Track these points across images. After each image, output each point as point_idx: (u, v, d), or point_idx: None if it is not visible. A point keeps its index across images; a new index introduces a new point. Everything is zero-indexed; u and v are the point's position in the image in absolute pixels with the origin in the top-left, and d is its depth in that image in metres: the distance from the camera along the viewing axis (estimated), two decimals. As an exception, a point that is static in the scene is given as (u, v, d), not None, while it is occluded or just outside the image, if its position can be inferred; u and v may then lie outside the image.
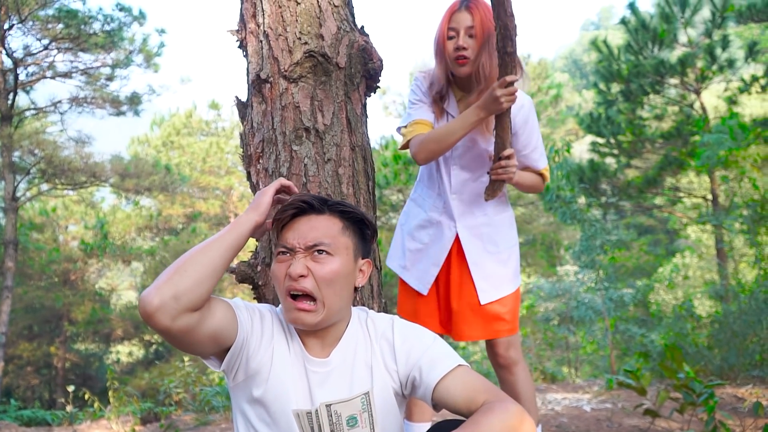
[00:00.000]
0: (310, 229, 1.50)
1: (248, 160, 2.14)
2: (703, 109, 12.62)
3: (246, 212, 1.55)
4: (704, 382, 3.35)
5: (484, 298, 2.43)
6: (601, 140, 13.59)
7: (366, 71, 2.15)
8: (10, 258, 10.86)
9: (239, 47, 2.23)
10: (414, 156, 2.36)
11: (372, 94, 2.25)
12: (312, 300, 1.47)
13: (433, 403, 1.50)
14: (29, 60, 11.26)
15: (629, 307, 10.50)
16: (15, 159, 11.71)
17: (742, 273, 10.80)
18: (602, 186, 13.56)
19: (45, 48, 11.17)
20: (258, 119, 2.10)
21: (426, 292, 2.49)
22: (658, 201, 15.05)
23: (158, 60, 12.43)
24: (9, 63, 10.97)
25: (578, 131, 19.35)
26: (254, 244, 2.16)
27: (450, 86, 2.42)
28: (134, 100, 12.80)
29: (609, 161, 14.06)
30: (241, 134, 2.19)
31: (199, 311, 1.37)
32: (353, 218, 1.58)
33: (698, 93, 12.56)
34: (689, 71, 12.06)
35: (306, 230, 1.50)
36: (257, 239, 2.03)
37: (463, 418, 1.42)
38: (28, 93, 12.02)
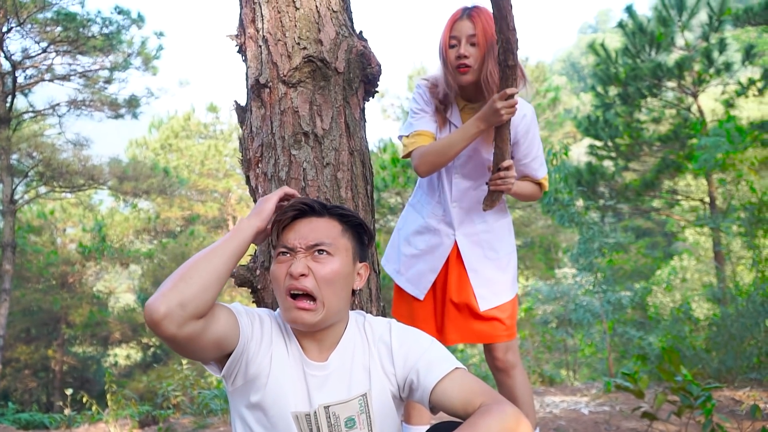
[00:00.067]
0: (311, 230, 1.52)
1: (247, 165, 2.15)
2: (701, 112, 12.65)
3: (248, 218, 1.56)
4: (702, 385, 3.35)
5: (484, 305, 2.44)
6: (599, 143, 13.62)
7: (364, 76, 2.16)
8: (8, 261, 10.85)
9: (238, 52, 2.24)
10: (416, 168, 2.37)
11: (370, 99, 2.26)
12: (312, 299, 1.48)
13: (431, 406, 1.51)
14: (27, 63, 11.26)
15: (627, 310, 10.50)
16: (13, 162, 11.70)
17: (740, 276, 10.81)
18: (600, 189, 13.59)
19: (43, 51, 11.17)
20: (257, 124, 2.11)
21: (422, 297, 2.50)
22: (656, 204, 15.08)
23: (157, 63, 12.45)
24: (7, 66, 10.96)
25: (576, 134, 19.37)
26: (253, 248, 2.17)
27: (453, 95, 2.42)
28: (132, 103, 12.80)
29: (607, 164, 14.09)
30: (240, 138, 2.20)
31: (204, 318, 1.38)
32: (352, 222, 1.60)
33: (695, 96, 12.60)
34: (686, 74, 12.09)
35: (307, 231, 1.52)
36: (257, 244, 2.04)
37: (461, 420, 1.43)
38: (27, 96, 12.02)
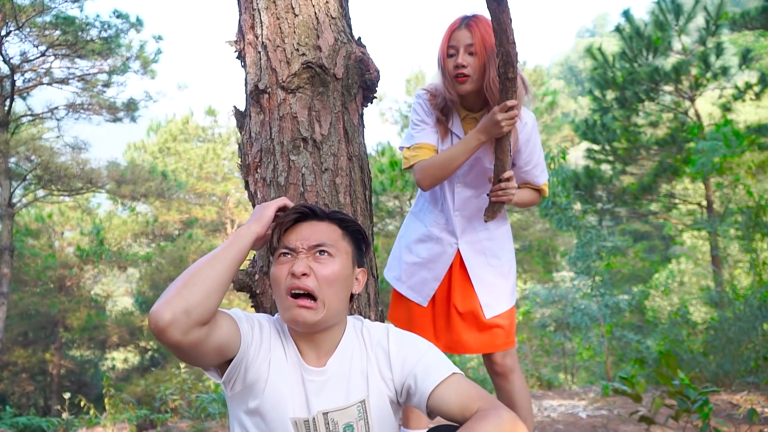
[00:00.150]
0: (313, 232, 1.55)
1: (246, 170, 2.16)
2: (698, 116, 12.68)
3: (247, 224, 1.58)
4: (699, 389, 3.37)
5: (489, 313, 2.44)
6: (597, 147, 13.65)
7: (363, 82, 2.17)
8: (6, 264, 10.84)
9: (237, 58, 2.25)
10: (418, 182, 2.38)
11: (369, 105, 2.28)
12: (313, 299, 1.50)
13: (428, 411, 1.52)
14: (26, 66, 11.24)
15: (625, 314, 10.52)
16: (11, 165, 11.68)
17: (738, 279, 10.83)
18: (598, 192, 13.61)
19: (42, 54, 11.16)
20: (256, 129, 2.12)
21: (426, 304, 2.50)
22: (654, 207, 15.10)
23: (155, 66, 12.42)
24: (6, 69, 10.96)
25: (574, 138, 19.41)
26: (252, 253, 2.18)
27: (454, 104, 2.42)
28: (131, 107, 12.78)
29: (604, 168, 14.11)
30: (240, 144, 2.21)
31: (208, 325, 1.39)
32: (351, 228, 1.63)
33: (692, 100, 12.63)
34: (683, 78, 12.12)
35: (308, 233, 1.55)
36: (256, 250, 2.05)
37: (458, 425, 1.44)
38: (25, 99, 12.00)
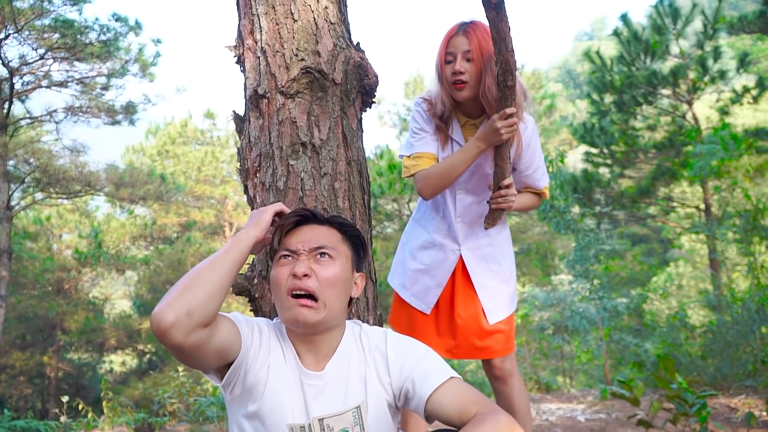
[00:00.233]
0: (314, 235, 1.58)
1: (245, 174, 2.17)
2: (696, 120, 12.71)
3: (246, 229, 1.60)
4: (697, 393, 3.37)
5: (492, 319, 2.45)
6: (595, 150, 13.68)
7: (362, 87, 2.18)
8: (4, 267, 10.82)
9: (237, 63, 2.26)
10: (419, 192, 2.38)
11: (368, 109, 2.28)
12: (314, 300, 1.51)
13: (426, 415, 1.52)
14: (25, 69, 11.24)
15: (623, 317, 10.53)
16: (10, 168, 11.67)
17: (736, 282, 10.84)
18: (596, 196, 13.63)
19: (41, 57, 11.15)
20: (255, 134, 2.13)
21: (429, 312, 2.50)
22: (652, 211, 15.13)
23: (154, 69, 12.41)
24: (5, 72, 10.95)
25: (572, 141, 19.43)
26: (251, 257, 2.19)
27: (453, 111, 2.42)
28: (130, 110, 12.78)
29: (602, 171, 14.14)
30: (239, 148, 2.22)
31: (209, 327, 1.41)
32: (350, 233, 1.66)
33: (690, 104, 12.66)
34: (681, 82, 12.15)
35: (309, 235, 1.58)
36: (255, 254, 2.06)
37: (456, 429, 1.45)
38: (24, 102, 11.99)
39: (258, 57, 2.14)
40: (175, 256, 17.79)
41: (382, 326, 2.08)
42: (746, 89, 12.03)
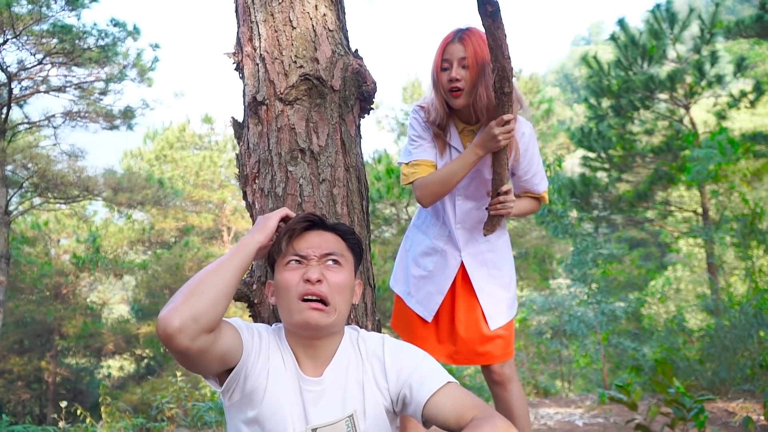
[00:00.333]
0: (323, 241, 1.60)
1: (244, 180, 2.18)
2: (693, 124, 12.75)
3: (251, 234, 1.62)
4: (695, 397, 3.38)
5: (493, 324, 2.45)
6: (593, 155, 13.70)
7: (360, 93, 2.19)
8: (2, 272, 10.81)
9: (236, 69, 2.27)
10: (419, 199, 2.38)
11: (366, 116, 2.29)
12: (325, 305, 1.53)
13: (423, 420, 1.53)
14: (23, 74, 11.24)
15: (621, 321, 10.54)
16: (8, 173, 11.67)
17: (734, 286, 10.86)
18: (594, 200, 13.65)
19: (39, 62, 11.16)
20: (254, 140, 2.14)
21: (431, 319, 2.50)
22: (649, 215, 15.15)
23: (152, 74, 12.42)
24: (3, 77, 10.94)
25: (569, 145, 19.47)
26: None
27: (450, 118, 2.42)
28: (128, 114, 12.78)
29: (600, 175, 14.16)
30: (237, 155, 2.22)
31: (214, 332, 1.42)
32: (351, 240, 1.68)
33: (687, 108, 12.70)
34: (678, 87, 12.19)
35: (318, 241, 1.60)
36: (256, 260, 2.07)
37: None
38: (22, 107, 11.99)
39: (257, 64, 2.15)
40: (173, 261, 17.79)
41: (381, 331, 2.09)
42: (743, 93, 12.07)
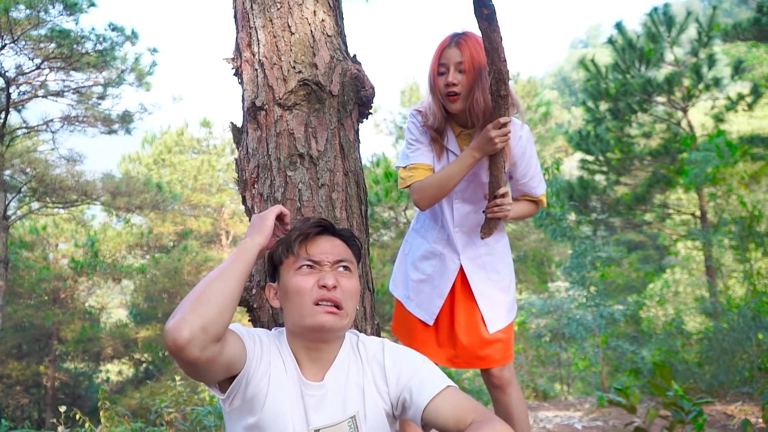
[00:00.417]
0: (333, 246, 1.62)
1: (243, 185, 2.18)
2: (691, 127, 12.78)
3: (251, 237, 1.61)
4: (693, 400, 3.38)
5: (492, 328, 2.45)
6: (591, 158, 13.73)
7: (359, 98, 2.20)
8: (1, 277, 10.80)
9: (234, 75, 2.27)
10: (416, 203, 2.39)
11: (364, 121, 2.30)
12: (338, 309, 1.55)
13: (423, 424, 1.54)
14: (21, 79, 11.25)
15: (620, 324, 10.54)
16: (6, 177, 11.68)
17: (732, 289, 10.86)
18: (592, 203, 13.67)
19: (37, 67, 11.16)
20: (253, 145, 2.14)
21: (432, 323, 2.51)
22: (648, 217, 15.16)
23: (150, 79, 12.42)
24: (1, 82, 10.95)
25: (568, 148, 19.51)
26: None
27: (448, 122, 2.42)
28: (126, 119, 12.78)
29: (598, 178, 14.19)
30: (237, 160, 2.23)
31: (221, 341, 1.41)
32: (354, 247, 1.70)
33: (685, 111, 12.73)
34: (676, 89, 12.22)
35: (329, 247, 1.61)
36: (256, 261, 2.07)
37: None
38: (20, 112, 11.98)
39: (256, 69, 2.16)
40: (172, 265, 17.77)
41: (380, 335, 2.09)
42: (741, 96, 12.10)
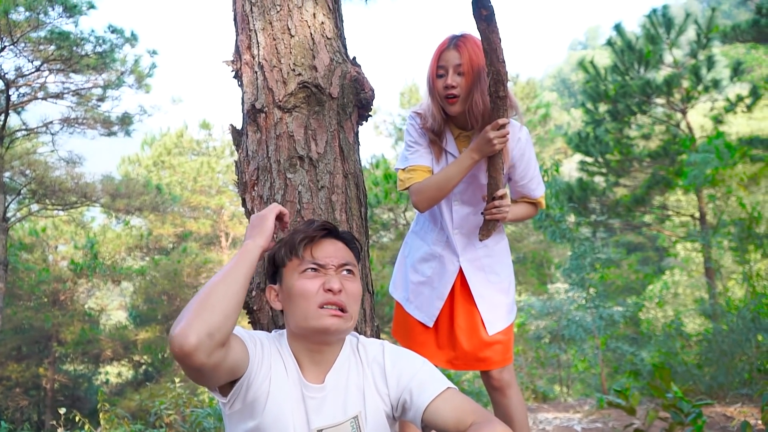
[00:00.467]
0: (337, 250, 1.62)
1: (243, 188, 2.18)
2: (690, 129, 12.78)
3: (252, 239, 1.60)
4: (693, 402, 3.38)
5: (492, 330, 2.45)
6: (590, 159, 13.74)
7: (358, 101, 2.20)
8: (0, 279, 10.80)
9: (234, 77, 2.28)
10: (415, 204, 2.39)
11: (364, 123, 2.30)
12: (343, 312, 1.55)
13: (423, 425, 1.54)
14: (21, 81, 11.25)
15: (620, 325, 10.54)
16: (6, 179, 11.67)
17: (732, 291, 10.87)
18: (591, 204, 13.67)
19: (37, 69, 11.17)
20: (253, 147, 2.15)
21: (431, 325, 2.51)
22: (647, 219, 15.17)
23: (150, 80, 12.42)
24: (1, 84, 10.96)
25: (567, 150, 19.51)
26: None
27: (447, 124, 2.42)
28: (125, 121, 12.78)
29: (598, 180, 14.19)
30: (236, 162, 2.23)
31: (226, 346, 1.41)
32: (355, 250, 1.71)
33: (684, 112, 12.74)
34: (675, 91, 12.23)
35: (333, 250, 1.61)
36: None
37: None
38: (20, 114, 11.98)
39: (255, 72, 2.16)
40: (171, 267, 17.75)
41: (380, 337, 2.10)
42: (740, 98, 12.11)
